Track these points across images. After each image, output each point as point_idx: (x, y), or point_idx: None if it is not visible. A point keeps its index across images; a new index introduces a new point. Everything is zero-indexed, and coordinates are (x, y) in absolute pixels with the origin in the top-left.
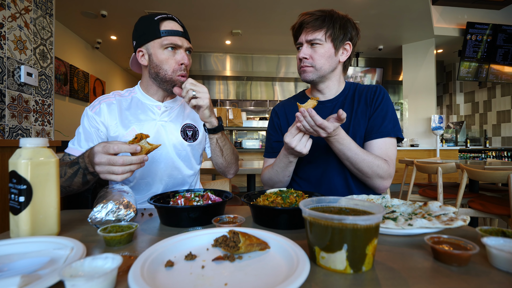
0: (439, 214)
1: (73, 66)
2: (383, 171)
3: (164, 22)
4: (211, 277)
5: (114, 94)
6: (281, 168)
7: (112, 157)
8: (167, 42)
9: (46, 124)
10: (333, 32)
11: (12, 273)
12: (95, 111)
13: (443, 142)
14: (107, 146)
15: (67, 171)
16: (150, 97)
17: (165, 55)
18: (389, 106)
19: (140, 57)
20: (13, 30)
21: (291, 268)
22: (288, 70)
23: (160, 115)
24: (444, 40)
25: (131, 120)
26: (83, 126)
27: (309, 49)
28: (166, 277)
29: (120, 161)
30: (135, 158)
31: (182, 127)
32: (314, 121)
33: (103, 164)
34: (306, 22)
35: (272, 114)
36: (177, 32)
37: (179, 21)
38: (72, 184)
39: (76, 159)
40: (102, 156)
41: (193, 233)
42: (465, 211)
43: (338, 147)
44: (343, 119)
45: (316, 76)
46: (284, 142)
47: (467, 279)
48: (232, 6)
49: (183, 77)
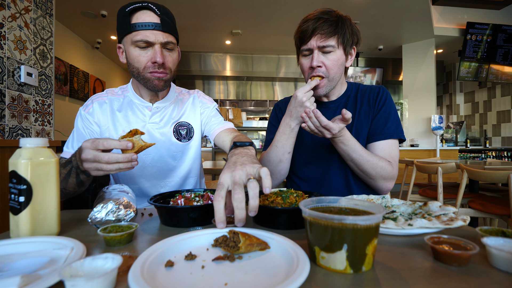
0: (439, 214)
1: (73, 66)
2: (387, 172)
3: (136, 13)
4: (211, 277)
5: (107, 92)
6: (282, 143)
7: (98, 154)
8: (138, 38)
9: (46, 124)
10: (345, 38)
11: (12, 273)
12: (88, 110)
13: (443, 142)
14: (96, 141)
15: (61, 172)
16: (140, 97)
17: (136, 53)
18: (391, 108)
19: (121, 55)
20: (13, 30)
21: (291, 268)
22: (288, 70)
23: (150, 117)
24: (444, 40)
25: (122, 123)
26: (76, 127)
27: (320, 56)
28: (166, 277)
29: (105, 159)
30: (122, 156)
31: (175, 126)
32: (319, 122)
33: (89, 161)
34: (320, 27)
35: (276, 109)
36: (148, 25)
37: (158, 9)
38: (67, 185)
39: (70, 157)
40: (89, 152)
41: (193, 233)
42: (465, 211)
43: (342, 148)
44: (348, 119)
45: (328, 89)
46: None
47: (467, 279)
48: (232, 6)
49: (158, 73)
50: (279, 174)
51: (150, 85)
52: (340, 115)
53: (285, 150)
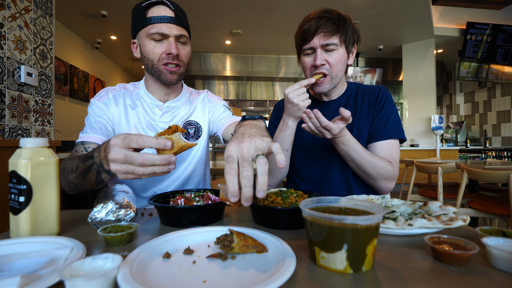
0: (439, 214)
1: (73, 66)
2: (388, 173)
3: (151, 8)
4: (196, 272)
5: (119, 86)
6: (279, 140)
7: (131, 154)
8: (153, 31)
9: (46, 124)
10: (347, 36)
11: (12, 273)
12: (103, 100)
13: (443, 142)
14: (128, 138)
15: (79, 166)
16: (151, 95)
17: (151, 45)
18: (392, 108)
19: (135, 50)
20: (13, 30)
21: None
22: (288, 70)
23: (160, 116)
24: (444, 40)
25: (133, 118)
26: (90, 115)
27: (323, 54)
28: (158, 267)
29: (138, 160)
30: (159, 158)
31: (183, 125)
32: (319, 122)
33: (118, 162)
34: (323, 26)
35: (277, 109)
36: (163, 19)
37: (172, 5)
38: (84, 181)
39: (91, 152)
40: (119, 151)
41: (200, 229)
42: (465, 211)
43: (343, 148)
44: (348, 117)
45: (331, 86)
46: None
47: (467, 279)
48: (232, 6)
49: (171, 65)
50: (278, 172)
51: (163, 78)
52: (339, 116)
53: (283, 147)
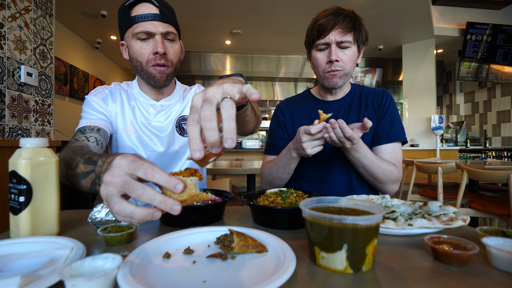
0: (439, 214)
1: (73, 66)
2: (395, 176)
3: (135, 6)
4: (196, 272)
5: (114, 85)
6: (283, 164)
7: (132, 182)
8: (138, 30)
9: (46, 124)
10: (360, 35)
11: (12, 273)
12: (101, 96)
13: (443, 142)
14: (137, 163)
15: (78, 165)
16: (145, 94)
17: (138, 46)
18: (395, 111)
19: (124, 51)
20: (13, 30)
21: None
22: (288, 70)
23: (155, 116)
24: (444, 40)
25: (129, 115)
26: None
27: (338, 50)
28: (158, 267)
29: (137, 193)
30: (159, 200)
31: (177, 121)
32: (344, 133)
33: (111, 186)
34: (341, 22)
35: (277, 111)
36: (147, 16)
37: (157, 1)
38: (79, 183)
39: (96, 157)
40: (120, 174)
41: (201, 229)
42: (465, 211)
43: (355, 155)
44: (368, 128)
45: (344, 82)
46: (298, 132)
47: (467, 279)
48: (232, 6)
49: (160, 66)
50: (276, 185)
51: (152, 80)
52: (358, 124)
53: (284, 171)
